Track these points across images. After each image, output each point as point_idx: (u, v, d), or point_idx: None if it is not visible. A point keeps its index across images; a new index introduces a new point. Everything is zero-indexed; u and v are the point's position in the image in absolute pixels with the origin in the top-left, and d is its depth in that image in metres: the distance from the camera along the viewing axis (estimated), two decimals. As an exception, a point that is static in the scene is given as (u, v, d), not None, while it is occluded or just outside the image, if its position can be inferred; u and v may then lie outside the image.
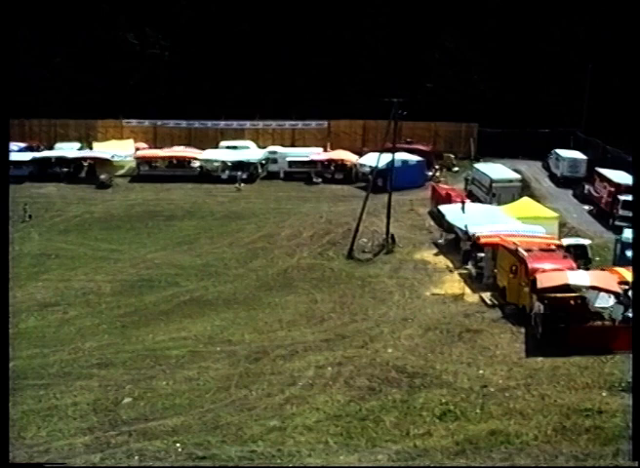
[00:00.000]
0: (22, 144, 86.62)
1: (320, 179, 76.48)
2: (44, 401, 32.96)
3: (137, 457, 27.62)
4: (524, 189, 65.82)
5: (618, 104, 70.48)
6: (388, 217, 56.51)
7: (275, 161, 79.49)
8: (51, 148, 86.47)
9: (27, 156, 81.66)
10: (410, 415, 30.09)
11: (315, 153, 79.70)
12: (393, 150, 58.60)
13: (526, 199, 59.66)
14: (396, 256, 54.15)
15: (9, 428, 23.61)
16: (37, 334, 42.97)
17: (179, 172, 79.28)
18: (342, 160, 77.73)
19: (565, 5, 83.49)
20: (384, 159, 59.84)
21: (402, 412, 30.37)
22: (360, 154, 78.06)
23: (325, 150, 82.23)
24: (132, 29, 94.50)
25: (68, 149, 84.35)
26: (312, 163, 77.92)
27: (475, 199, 63.81)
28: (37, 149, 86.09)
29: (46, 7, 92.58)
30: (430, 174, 75.73)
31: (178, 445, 28.19)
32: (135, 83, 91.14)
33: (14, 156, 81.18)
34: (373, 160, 64.25)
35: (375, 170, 60.93)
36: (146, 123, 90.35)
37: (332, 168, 77.63)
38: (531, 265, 40.29)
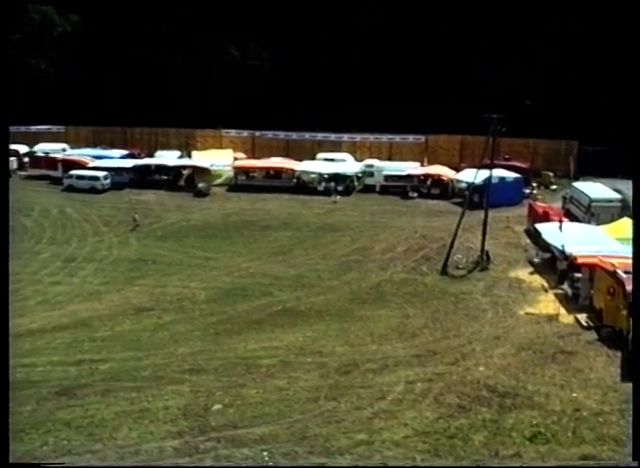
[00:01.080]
0: (124, 152, 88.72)
1: (416, 194, 76.06)
2: (136, 403, 33.48)
3: (224, 464, 27.85)
4: (624, 209, 64.15)
5: None
6: (484, 234, 55.86)
7: (371, 174, 79.36)
8: (151, 156, 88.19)
9: (129, 163, 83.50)
10: (499, 436, 29.63)
11: (412, 167, 79.31)
12: (491, 166, 57.95)
13: (626, 219, 58.19)
14: (490, 274, 53.47)
15: (9, 428, 23.76)
16: (132, 338, 43.76)
17: (275, 182, 79.84)
18: (439, 175, 77.22)
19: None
20: (482, 175, 59.25)
21: (491, 432, 29.92)
22: (457, 170, 77.43)
23: (422, 165, 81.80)
24: (234, 42, 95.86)
25: (168, 157, 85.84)
26: (409, 177, 77.55)
27: (573, 218, 62.58)
28: (138, 157, 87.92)
29: (148, 18, 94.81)
30: (528, 191, 74.59)
31: (265, 453, 28.31)
32: (235, 94, 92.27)
33: (115, 163, 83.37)
34: (470, 176, 63.66)
35: (471, 186, 60.41)
36: (245, 133, 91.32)
37: (428, 183, 77.15)
38: (629, 287, 39.31)
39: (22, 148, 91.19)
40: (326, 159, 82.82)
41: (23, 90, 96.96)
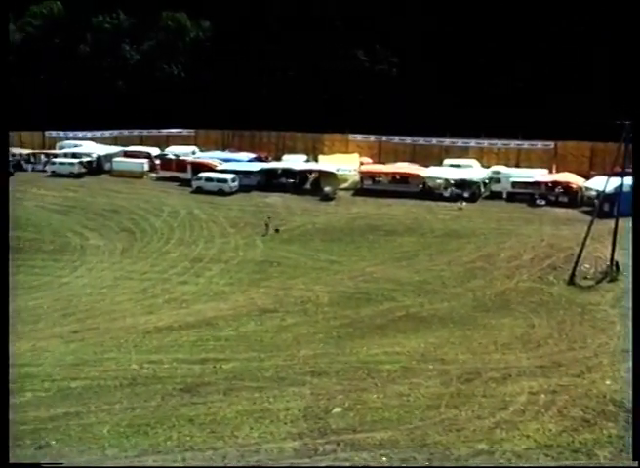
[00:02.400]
0: (252, 155, 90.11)
1: (544, 202, 74.67)
2: (258, 403, 33.87)
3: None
4: None
5: None
6: (614, 244, 54.35)
7: (498, 181, 78.35)
8: (278, 160, 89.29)
9: (256, 166, 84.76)
10: (626, 453, 28.73)
11: (540, 175, 78.02)
12: (622, 175, 56.40)
13: None
14: (619, 285, 51.95)
15: (9, 428, 23.98)
16: (255, 339, 44.36)
17: (401, 187, 79.63)
18: (568, 183, 75.65)
19: None
20: (613, 183, 57.75)
21: (617, 449, 28.98)
22: (587, 177, 75.72)
23: (550, 172, 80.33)
24: (362, 46, 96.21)
25: (295, 161, 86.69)
26: (536, 184, 76.24)
27: None
28: (266, 160, 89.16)
29: (277, 21, 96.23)
30: (661, 201, 72.33)
31: (384, 459, 28.23)
32: (362, 98, 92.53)
33: (243, 166, 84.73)
34: (600, 184, 62.08)
35: (602, 194, 58.92)
36: (372, 138, 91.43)
37: (556, 190, 75.65)
38: None
39: (154, 151, 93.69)
40: (452, 165, 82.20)
41: (156, 94, 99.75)
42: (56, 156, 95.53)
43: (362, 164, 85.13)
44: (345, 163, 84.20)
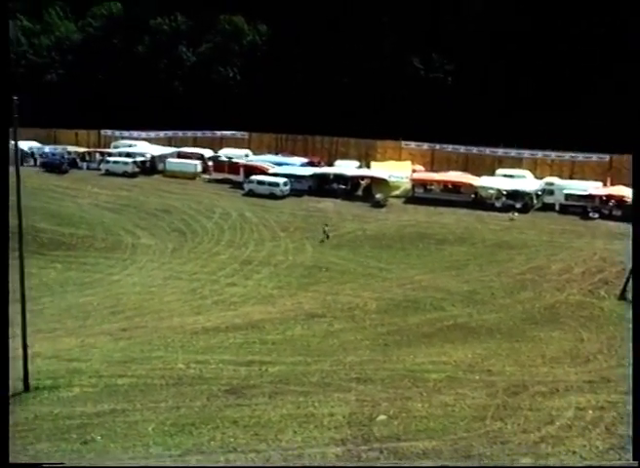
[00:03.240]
0: (304, 160, 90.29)
1: (597, 215, 73.81)
2: (302, 407, 33.85)
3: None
4: None
5: None
6: (667, 260, 53.64)
7: (551, 193, 77.60)
8: (331, 165, 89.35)
9: (308, 171, 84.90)
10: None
11: (594, 187, 77.15)
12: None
13: None
14: (673, 302, 51.28)
15: (9, 428, 23.97)
16: (302, 343, 44.40)
17: (453, 197, 79.29)
18: (622, 196, 74.60)
19: None
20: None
21: (666, 468, 28.60)
22: (642, 192, 74.71)
23: (604, 185, 79.38)
24: (418, 53, 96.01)
25: (347, 167, 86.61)
26: (590, 197, 75.40)
27: None
28: (318, 165, 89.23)
29: (333, 29, 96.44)
30: None
31: (427, 469, 28.07)
32: (416, 106, 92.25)
33: (295, 170, 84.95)
34: (656, 199, 61.32)
35: (657, 209, 58.16)
36: (425, 146, 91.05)
37: (610, 204, 74.77)
38: None
39: (207, 152, 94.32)
40: (505, 175, 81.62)
41: (211, 96, 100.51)
42: (110, 155, 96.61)
43: (414, 171, 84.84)
44: (398, 170, 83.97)
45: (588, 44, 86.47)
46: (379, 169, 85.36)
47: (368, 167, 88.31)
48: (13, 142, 35.29)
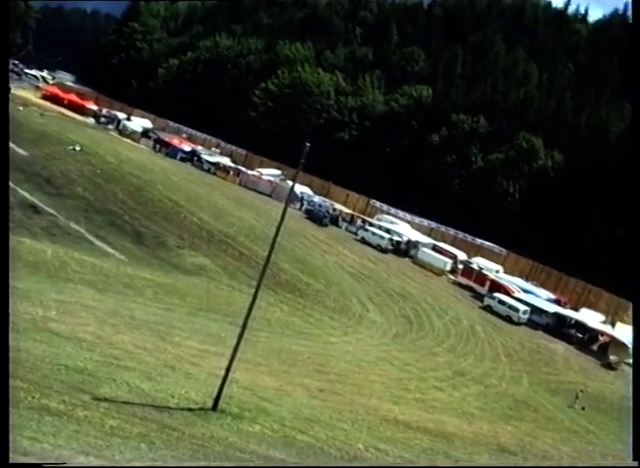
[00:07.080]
0: (552, 295, 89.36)
1: None
2: None
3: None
4: None
5: None
6: None
7: None
8: (576, 310, 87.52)
9: (551, 308, 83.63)
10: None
11: None
12: None
13: None
14: None
15: (9, 428, 23.30)
16: None
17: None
18: None
19: None
20: None
21: None
22: None
23: None
24: None
25: (592, 318, 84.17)
26: None
27: None
28: (563, 306, 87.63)
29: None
30: None
31: None
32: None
33: (539, 302, 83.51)
34: None
35: None
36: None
37: None
38: None
39: (461, 255, 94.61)
40: None
41: (488, 206, 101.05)
42: (371, 225, 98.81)
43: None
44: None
45: None
46: (623, 331, 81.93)
47: (612, 325, 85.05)
48: (290, 183, 36.48)
